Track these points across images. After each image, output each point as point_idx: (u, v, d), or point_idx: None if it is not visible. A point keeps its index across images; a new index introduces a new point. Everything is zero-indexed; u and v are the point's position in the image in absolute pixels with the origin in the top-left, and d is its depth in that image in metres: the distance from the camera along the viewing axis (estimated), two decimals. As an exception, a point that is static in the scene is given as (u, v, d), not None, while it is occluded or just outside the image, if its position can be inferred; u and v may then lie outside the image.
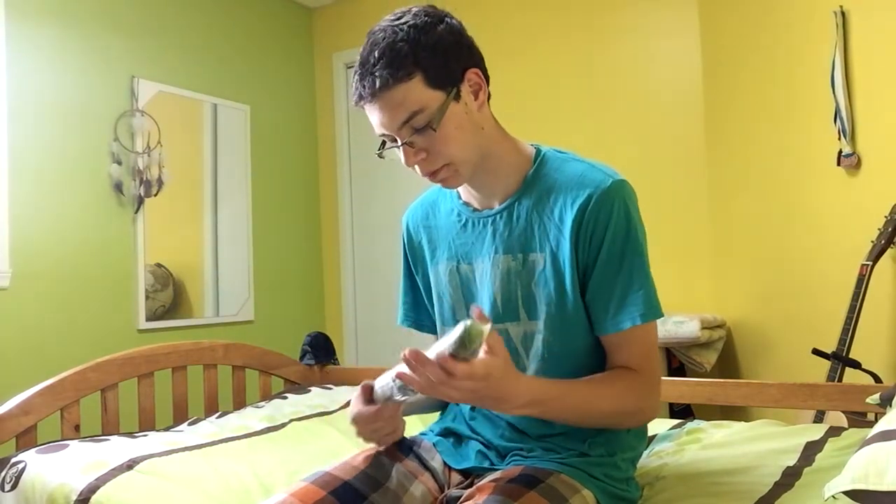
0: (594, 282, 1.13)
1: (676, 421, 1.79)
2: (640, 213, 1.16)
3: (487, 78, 1.16)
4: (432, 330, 1.35)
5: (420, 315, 1.37)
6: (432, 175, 1.14)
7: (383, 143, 1.16)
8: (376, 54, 1.07)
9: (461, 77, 1.11)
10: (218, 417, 2.06)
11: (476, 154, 1.15)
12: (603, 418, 1.14)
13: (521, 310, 1.18)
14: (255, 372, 2.37)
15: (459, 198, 1.26)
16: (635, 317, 1.12)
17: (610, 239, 1.11)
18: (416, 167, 1.13)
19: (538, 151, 1.21)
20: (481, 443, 1.26)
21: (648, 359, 1.16)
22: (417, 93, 1.07)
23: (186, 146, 3.56)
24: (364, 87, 1.08)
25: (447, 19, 1.12)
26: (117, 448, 1.67)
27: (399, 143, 1.11)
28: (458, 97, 1.11)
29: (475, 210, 1.23)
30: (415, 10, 1.11)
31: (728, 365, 3.07)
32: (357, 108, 1.14)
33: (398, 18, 1.10)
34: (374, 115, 1.11)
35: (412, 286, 1.37)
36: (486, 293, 1.21)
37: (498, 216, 1.19)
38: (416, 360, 0.93)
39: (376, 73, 1.06)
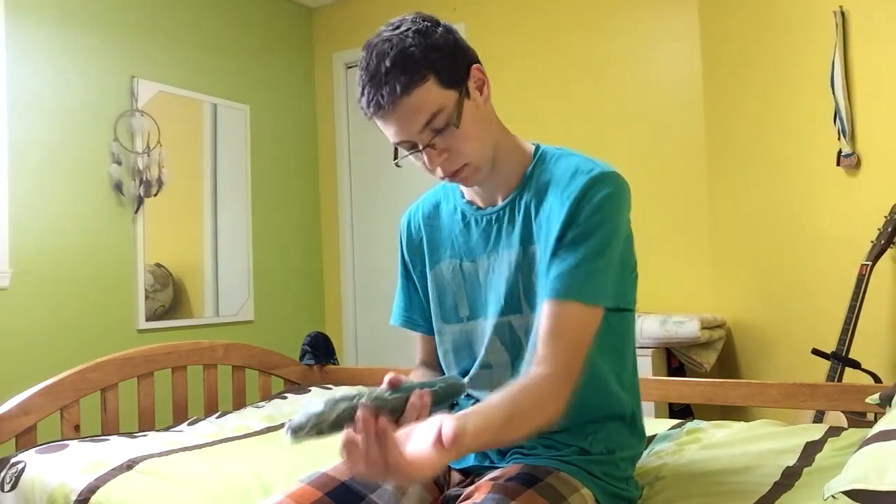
0: (557, 249, 1.12)
1: (676, 421, 1.79)
2: (630, 210, 1.16)
3: (480, 63, 1.18)
4: (426, 329, 1.35)
5: (413, 314, 1.38)
6: (453, 175, 1.15)
7: (396, 151, 1.16)
8: (388, 63, 1.07)
9: (467, 74, 1.13)
10: (218, 417, 2.06)
11: (491, 149, 1.17)
12: (523, 437, 1.08)
13: (522, 302, 1.18)
14: (255, 372, 2.37)
15: (463, 197, 1.27)
16: (569, 291, 1.08)
17: (586, 216, 1.10)
18: (438, 169, 1.14)
19: (537, 148, 1.23)
20: (482, 442, 1.26)
21: (566, 342, 1.08)
22: (434, 94, 1.08)
23: (186, 146, 3.56)
24: (382, 96, 1.07)
25: (442, 22, 1.14)
26: (117, 448, 1.67)
27: (420, 147, 1.12)
28: (467, 94, 1.13)
29: (479, 208, 1.24)
30: (410, 17, 1.13)
31: (728, 365, 3.07)
32: (367, 118, 1.13)
33: (398, 28, 1.11)
34: (391, 125, 1.10)
35: (409, 285, 1.38)
36: (492, 289, 1.22)
37: (501, 212, 1.21)
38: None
39: (391, 82, 1.07)
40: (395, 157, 1.18)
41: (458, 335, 1.27)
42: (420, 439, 0.88)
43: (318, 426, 0.96)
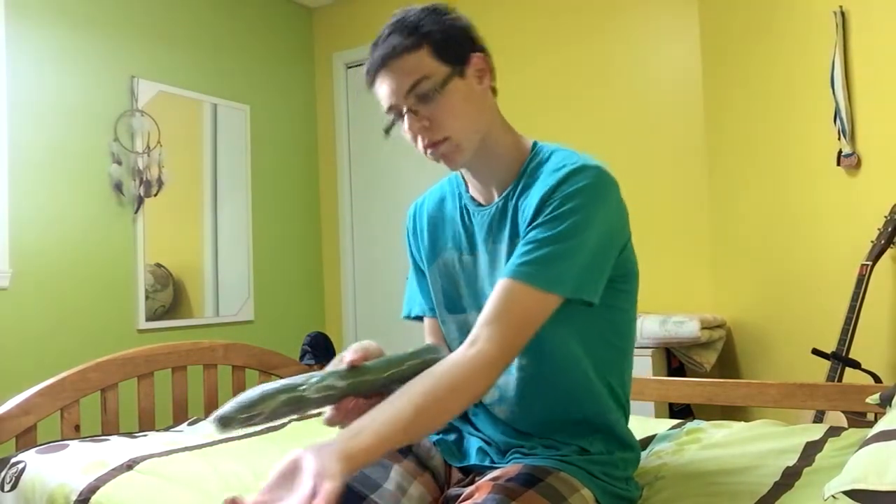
0: (525, 233, 1.12)
1: (676, 421, 1.79)
2: (616, 206, 1.13)
3: (493, 70, 1.20)
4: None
5: (430, 302, 1.38)
6: (434, 147, 1.15)
7: (392, 123, 1.18)
8: (387, 30, 1.14)
9: (466, 59, 1.16)
10: (218, 417, 2.06)
11: (478, 132, 1.17)
12: (438, 426, 1.03)
13: None
14: (255, 372, 2.37)
15: (467, 190, 1.29)
16: (523, 273, 1.06)
17: (557, 204, 1.10)
18: (419, 140, 1.15)
19: (534, 145, 1.24)
20: (482, 439, 1.27)
21: (509, 324, 1.05)
22: (425, 62, 1.12)
23: (186, 146, 3.56)
24: (376, 55, 1.14)
25: (456, 11, 1.19)
26: (117, 448, 1.67)
27: (403, 110, 1.13)
28: (462, 75, 1.15)
29: (479, 204, 1.26)
30: (426, 4, 1.18)
31: (728, 365, 3.07)
32: (369, 89, 1.18)
33: (410, 8, 1.17)
34: (382, 86, 1.15)
35: (420, 276, 1.39)
36: (486, 283, 1.23)
37: (496, 208, 1.21)
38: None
39: (387, 43, 1.13)
40: (387, 127, 1.19)
41: (461, 325, 1.28)
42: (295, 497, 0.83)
43: (250, 419, 0.92)
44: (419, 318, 1.40)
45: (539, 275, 1.06)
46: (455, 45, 1.15)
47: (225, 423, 0.90)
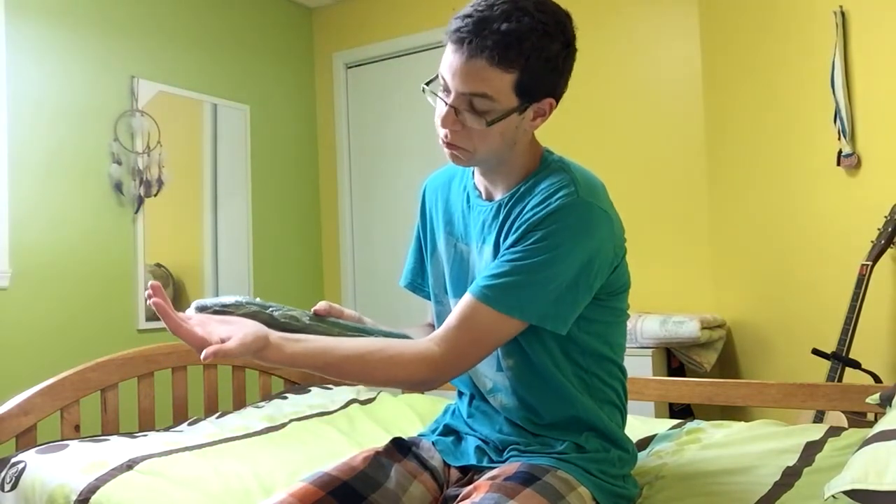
0: (502, 253, 1.14)
1: (676, 421, 1.79)
2: (606, 238, 1.13)
3: (557, 103, 1.16)
4: (429, 295, 1.38)
5: (424, 280, 1.40)
6: (449, 147, 1.15)
7: (432, 80, 1.17)
8: (504, 27, 1.04)
9: (539, 99, 1.13)
10: (218, 417, 2.06)
11: (495, 157, 1.17)
12: (371, 382, 1.12)
13: None
14: (255, 372, 2.37)
15: (472, 177, 1.29)
16: (485, 295, 1.09)
17: (537, 238, 1.10)
18: (440, 129, 1.14)
19: (544, 157, 1.23)
20: (479, 439, 1.28)
21: (468, 336, 1.10)
22: (501, 86, 1.08)
23: (186, 146, 3.56)
24: (470, 41, 1.05)
25: (573, 40, 1.13)
26: (117, 448, 1.68)
27: (448, 102, 1.11)
28: (523, 111, 1.12)
29: (479, 197, 1.26)
30: (560, 10, 1.12)
31: (728, 365, 3.07)
32: (445, 35, 1.09)
33: (546, 5, 1.09)
34: (454, 62, 1.08)
35: (418, 249, 1.41)
36: (470, 276, 1.25)
37: (492, 209, 1.21)
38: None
39: (489, 42, 1.04)
40: (429, 83, 1.18)
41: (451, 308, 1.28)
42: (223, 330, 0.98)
43: (219, 314, 1.09)
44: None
45: (501, 300, 1.09)
46: (539, 83, 1.10)
47: (200, 309, 1.08)
